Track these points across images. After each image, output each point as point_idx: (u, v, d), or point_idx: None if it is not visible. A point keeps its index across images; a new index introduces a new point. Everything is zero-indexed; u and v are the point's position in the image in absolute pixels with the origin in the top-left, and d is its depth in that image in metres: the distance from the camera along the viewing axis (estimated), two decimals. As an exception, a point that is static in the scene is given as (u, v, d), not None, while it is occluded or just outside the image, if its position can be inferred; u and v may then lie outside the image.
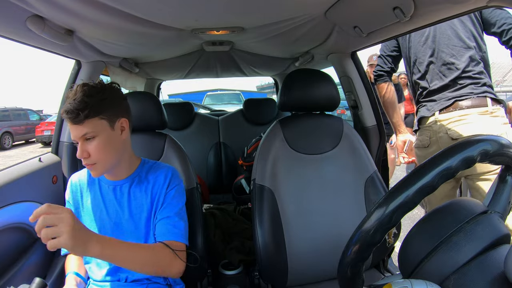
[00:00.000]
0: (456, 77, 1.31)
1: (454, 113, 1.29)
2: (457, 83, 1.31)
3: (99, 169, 0.85)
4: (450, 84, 1.32)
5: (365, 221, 0.47)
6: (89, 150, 0.82)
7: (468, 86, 1.29)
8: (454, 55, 1.33)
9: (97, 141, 0.82)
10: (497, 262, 0.44)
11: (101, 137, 0.83)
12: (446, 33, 1.34)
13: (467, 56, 1.31)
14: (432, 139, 1.37)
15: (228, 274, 1.37)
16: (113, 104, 0.86)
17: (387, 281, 0.52)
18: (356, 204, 1.16)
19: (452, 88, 1.32)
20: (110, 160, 0.86)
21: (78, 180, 0.98)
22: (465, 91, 1.29)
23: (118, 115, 0.88)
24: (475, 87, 1.28)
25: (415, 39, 1.43)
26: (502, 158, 0.49)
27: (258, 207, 1.10)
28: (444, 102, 1.32)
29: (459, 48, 1.32)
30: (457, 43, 1.32)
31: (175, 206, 0.93)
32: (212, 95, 9.98)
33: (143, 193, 0.93)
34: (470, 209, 0.51)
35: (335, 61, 1.55)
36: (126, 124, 0.91)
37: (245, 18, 1.05)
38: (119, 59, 1.51)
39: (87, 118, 0.80)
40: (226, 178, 2.35)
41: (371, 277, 1.18)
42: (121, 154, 0.90)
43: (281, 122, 1.23)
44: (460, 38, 1.32)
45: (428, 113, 1.37)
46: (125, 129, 0.90)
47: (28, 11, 0.82)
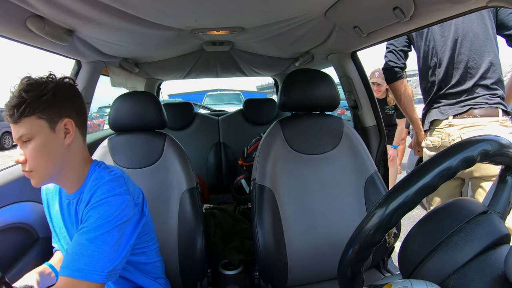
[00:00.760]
0: (474, 85, 1.32)
1: (468, 120, 1.32)
2: (474, 91, 1.33)
3: (36, 178, 0.72)
4: (468, 90, 1.33)
5: (365, 221, 0.47)
6: (26, 155, 0.71)
7: (484, 96, 1.32)
8: (475, 60, 1.33)
9: (32, 145, 0.70)
10: (497, 262, 0.44)
11: (37, 140, 0.70)
12: (468, 34, 1.33)
13: (487, 62, 1.32)
14: (444, 141, 1.38)
15: (228, 274, 1.37)
16: (55, 100, 0.72)
17: (387, 281, 0.52)
18: (356, 204, 1.16)
19: (469, 96, 1.33)
20: (49, 169, 0.72)
21: (46, 189, 0.88)
22: (480, 100, 1.31)
23: (62, 115, 0.73)
24: (490, 97, 1.31)
25: (436, 37, 1.40)
26: (502, 158, 0.49)
27: (258, 207, 1.10)
28: (459, 108, 1.34)
29: (480, 53, 1.32)
30: (479, 47, 1.32)
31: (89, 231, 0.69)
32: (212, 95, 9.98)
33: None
34: (470, 209, 0.51)
35: (335, 61, 1.55)
36: (72, 127, 0.75)
37: (245, 18, 1.04)
38: (119, 59, 1.51)
39: (22, 116, 0.68)
40: (226, 178, 2.35)
41: (371, 277, 1.18)
42: (63, 162, 0.75)
43: (281, 122, 1.23)
44: (482, 41, 1.32)
45: (441, 116, 1.38)
46: (70, 132, 0.75)
47: (28, 11, 0.82)
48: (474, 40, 1.32)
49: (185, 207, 1.11)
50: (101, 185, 0.73)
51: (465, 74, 1.34)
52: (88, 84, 1.38)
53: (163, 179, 1.15)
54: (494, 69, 1.32)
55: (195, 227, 1.09)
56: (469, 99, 1.33)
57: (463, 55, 1.34)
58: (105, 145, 1.20)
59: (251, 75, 2.46)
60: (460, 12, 0.80)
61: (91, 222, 0.70)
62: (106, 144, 1.20)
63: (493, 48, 1.32)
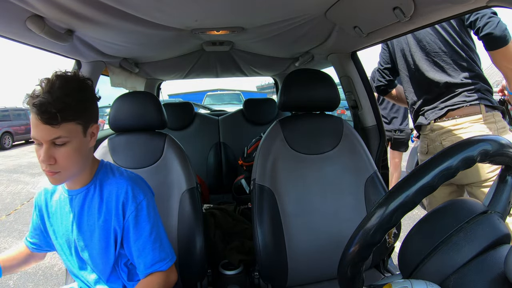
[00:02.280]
0: (448, 85, 1.27)
1: (448, 123, 1.27)
2: (450, 90, 1.27)
3: (62, 178, 0.75)
4: (444, 92, 1.28)
5: (365, 221, 0.47)
6: (55, 156, 0.72)
7: (462, 94, 1.25)
8: (444, 61, 1.28)
9: (68, 148, 0.72)
10: (497, 262, 0.44)
11: (72, 144, 0.73)
12: (428, 39, 1.30)
13: (456, 62, 1.27)
14: (429, 147, 1.36)
15: (228, 274, 1.37)
16: (92, 107, 0.77)
17: (387, 281, 0.52)
18: (356, 204, 1.16)
19: (446, 97, 1.28)
20: (76, 169, 0.77)
21: (43, 196, 0.89)
22: (458, 100, 1.26)
23: (93, 121, 0.78)
24: (469, 94, 1.24)
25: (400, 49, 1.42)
26: (502, 158, 0.49)
27: (258, 207, 1.10)
28: (438, 111, 1.29)
29: (445, 55, 1.27)
30: (443, 48, 1.27)
31: (142, 232, 0.82)
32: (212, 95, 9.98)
33: (95, 212, 0.82)
34: (470, 209, 0.51)
35: (335, 61, 1.55)
36: (97, 130, 0.81)
37: (245, 18, 1.04)
38: (119, 59, 1.51)
39: (65, 121, 0.69)
40: (226, 178, 2.35)
41: (371, 277, 1.18)
42: (86, 162, 0.80)
43: (281, 122, 1.23)
44: (444, 42, 1.27)
45: (425, 121, 1.35)
46: (95, 135, 0.81)
47: (28, 11, 0.82)
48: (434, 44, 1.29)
49: (185, 207, 1.11)
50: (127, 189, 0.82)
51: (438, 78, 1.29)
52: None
53: (163, 179, 1.15)
54: (465, 67, 1.26)
55: (195, 227, 1.09)
56: (446, 100, 1.28)
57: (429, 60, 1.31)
58: (105, 145, 1.20)
59: (251, 75, 2.45)
60: (460, 12, 0.80)
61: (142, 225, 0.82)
62: (106, 144, 1.20)
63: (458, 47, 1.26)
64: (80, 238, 0.83)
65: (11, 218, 3.65)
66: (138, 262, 0.83)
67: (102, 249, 0.83)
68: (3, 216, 3.73)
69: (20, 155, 8.72)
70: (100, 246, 0.83)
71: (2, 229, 3.31)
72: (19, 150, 9.92)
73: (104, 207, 0.82)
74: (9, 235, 3.13)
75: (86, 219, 0.83)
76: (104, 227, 0.82)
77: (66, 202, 0.84)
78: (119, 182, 0.83)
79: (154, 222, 0.84)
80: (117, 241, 0.83)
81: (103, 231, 0.82)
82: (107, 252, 0.83)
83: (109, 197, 0.82)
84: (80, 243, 0.84)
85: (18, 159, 7.96)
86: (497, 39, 1.10)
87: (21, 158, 8.12)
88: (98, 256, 0.84)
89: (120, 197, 0.81)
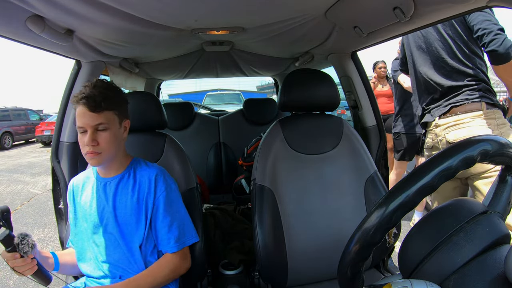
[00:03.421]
0: (452, 87, 1.37)
1: (450, 118, 1.37)
2: (454, 90, 1.37)
3: (101, 159, 0.90)
4: (448, 91, 1.39)
5: (365, 221, 0.47)
6: (98, 140, 0.88)
7: (464, 92, 1.35)
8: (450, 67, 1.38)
9: (108, 133, 0.89)
10: (497, 262, 0.44)
11: (111, 130, 0.89)
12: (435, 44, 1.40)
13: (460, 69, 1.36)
14: (434, 142, 1.46)
15: (228, 274, 1.37)
16: (125, 104, 0.97)
17: (387, 281, 0.52)
18: (356, 204, 1.16)
19: (450, 95, 1.38)
20: (112, 153, 0.92)
21: (75, 182, 1.03)
22: (461, 98, 1.35)
23: (126, 116, 0.97)
24: (471, 93, 1.34)
25: (413, 48, 1.52)
26: (502, 158, 0.49)
27: (258, 207, 1.10)
28: (442, 108, 1.40)
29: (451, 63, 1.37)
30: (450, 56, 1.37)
31: (169, 211, 0.97)
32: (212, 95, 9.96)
33: (129, 191, 0.96)
34: (470, 209, 0.51)
35: (335, 61, 1.55)
36: (128, 126, 0.99)
37: (245, 18, 1.04)
38: (119, 59, 1.51)
39: (106, 109, 0.87)
40: (226, 178, 2.35)
41: (371, 277, 1.18)
42: (118, 151, 0.95)
43: (281, 122, 1.23)
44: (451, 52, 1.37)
45: (430, 118, 1.46)
46: (126, 129, 0.98)
47: (28, 11, 0.82)
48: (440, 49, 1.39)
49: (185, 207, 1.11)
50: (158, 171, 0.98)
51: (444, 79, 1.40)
52: (88, 84, 1.38)
53: None
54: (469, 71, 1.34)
55: (195, 227, 1.09)
56: (450, 98, 1.38)
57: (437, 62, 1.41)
58: None
59: (251, 75, 2.45)
60: (460, 12, 0.80)
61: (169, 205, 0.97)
62: None
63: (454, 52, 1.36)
64: (113, 217, 0.94)
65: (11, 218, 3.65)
66: (162, 238, 0.95)
67: (133, 224, 0.94)
68: (3, 216, 3.72)
69: (20, 155, 8.72)
70: (132, 221, 0.94)
71: (2, 229, 3.31)
72: (19, 150, 9.92)
73: (137, 188, 0.96)
74: (9, 235, 3.13)
75: (119, 199, 0.96)
76: (137, 205, 0.95)
77: (100, 189, 0.97)
78: (150, 169, 0.99)
79: (180, 205, 1.00)
80: (147, 217, 0.95)
81: (135, 209, 0.95)
82: (138, 229, 0.94)
83: (141, 179, 0.97)
84: (111, 222, 0.94)
85: (18, 159, 7.97)
86: (500, 56, 1.19)
87: (21, 158, 8.13)
88: (129, 232, 0.94)
89: (152, 179, 0.96)
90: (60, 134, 1.33)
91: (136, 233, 0.95)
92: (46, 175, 5.74)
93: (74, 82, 1.34)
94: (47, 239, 2.99)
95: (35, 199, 4.37)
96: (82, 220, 0.98)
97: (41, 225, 3.35)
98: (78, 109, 0.87)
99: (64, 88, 1.35)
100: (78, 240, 0.99)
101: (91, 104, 0.85)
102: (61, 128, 1.33)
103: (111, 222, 0.95)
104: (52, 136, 1.38)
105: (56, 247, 2.79)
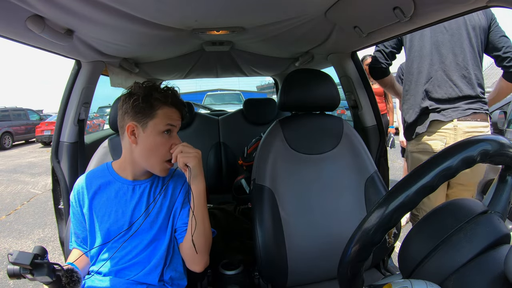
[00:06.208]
0: (469, 95, 1.42)
1: (473, 123, 1.41)
2: (471, 96, 1.42)
3: None
4: (463, 97, 1.42)
5: (365, 221, 0.47)
6: None
7: (478, 102, 1.43)
8: (468, 70, 1.42)
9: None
10: (497, 262, 0.44)
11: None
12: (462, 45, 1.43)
13: (478, 74, 1.44)
14: (447, 144, 1.43)
15: (228, 274, 1.37)
16: None
17: (387, 281, 0.52)
18: (356, 204, 1.16)
19: (468, 101, 1.42)
20: None
21: (86, 184, 0.99)
22: (478, 106, 1.43)
23: None
24: (482, 104, 1.44)
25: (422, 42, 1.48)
26: (502, 158, 0.49)
27: (258, 207, 1.10)
28: (462, 111, 1.41)
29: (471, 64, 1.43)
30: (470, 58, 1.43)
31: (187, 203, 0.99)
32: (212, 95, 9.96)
33: (162, 195, 0.96)
34: (470, 209, 0.51)
35: (335, 61, 1.55)
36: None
37: (245, 18, 1.04)
38: (119, 59, 1.51)
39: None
40: (226, 178, 2.35)
41: (371, 277, 1.18)
42: None
43: (281, 122, 1.23)
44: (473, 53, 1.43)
45: (444, 118, 1.43)
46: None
47: (28, 11, 0.82)
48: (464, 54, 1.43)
49: None
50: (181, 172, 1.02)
51: (460, 82, 1.43)
52: (88, 84, 1.38)
53: None
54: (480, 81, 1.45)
55: None
56: (469, 103, 1.42)
57: (456, 65, 1.43)
58: (106, 145, 1.19)
59: (251, 75, 2.45)
60: (460, 12, 0.80)
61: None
62: (107, 144, 1.20)
63: (477, 63, 1.45)
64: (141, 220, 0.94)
65: (11, 218, 3.65)
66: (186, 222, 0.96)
67: (163, 228, 0.95)
68: (3, 216, 3.73)
69: (20, 155, 8.72)
70: (162, 225, 0.95)
71: (2, 229, 3.31)
72: (19, 150, 9.92)
73: (170, 193, 0.98)
74: (9, 235, 3.13)
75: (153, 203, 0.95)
76: (169, 206, 0.97)
77: (129, 191, 0.95)
78: (181, 173, 1.01)
79: None
80: (175, 218, 0.97)
81: (167, 210, 0.96)
82: (166, 232, 0.95)
83: (176, 185, 0.99)
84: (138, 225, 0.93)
85: (18, 159, 7.97)
86: None
87: (21, 158, 8.13)
88: (159, 233, 0.95)
89: (183, 185, 1.00)
90: (60, 134, 1.33)
91: (163, 236, 0.96)
92: (46, 175, 5.75)
93: (74, 82, 1.34)
94: (47, 239, 2.99)
95: (35, 199, 4.37)
96: (103, 223, 0.94)
97: (41, 225, 3.35)
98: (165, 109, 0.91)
99: (65, 88, 1.35)
100: (94, 242, 0.96)
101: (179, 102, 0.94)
102: (61, 128, 1.33)
103: (140, 225, 0.94)
104: (52, 136, 1.38)
105: (56, 247, 2.79)
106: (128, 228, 0.93)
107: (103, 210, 0.94)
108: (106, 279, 0.93)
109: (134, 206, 0.94)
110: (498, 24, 1.44)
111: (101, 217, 0.94)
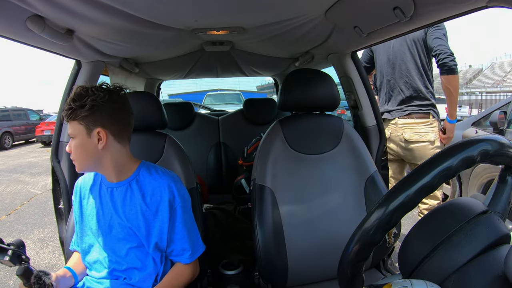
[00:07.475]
0: (411, 97, 1.82)
1: (408, 120, 1.84)
2: (411, 99, 1.83)
3: (77, 166, 0.90)
4: (406, 100, 1.84)
5: (365, 221, 0.47)
6: (70, 147, 0.89)
7: (418, 105, 1.82)
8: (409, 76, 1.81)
9: (74, 142, 0.88)
10: (497, 262, 0.44)
11: (76, 140, 0.87)
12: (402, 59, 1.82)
13: (418, 80, 1.80)
14: (392, 134, 1.90)
15: (228, 274, 1.37)
16: (93, 112, 0.85)
17: (387, 281, 0.52)
18: (356, 204, 1.16)
19: (408, 104, 1.84)
20: (85, 163, 0.90)
21: (81, 183, 1.02)
22: (417, 108, 1.82)
23: (96, 124, 0.86)
24: (422, 103, 1.81)
25: (381, 58, 1.93)
26: (502, 158, 0.49)
27: (258, 207, 1.10)
28: (402, 112, 1.86)
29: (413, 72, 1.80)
30: (411, 68, 1.80)
31: (186, 223, 0.97)
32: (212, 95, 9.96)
33: (139, 199, 0.93)
34: (470, 209, 0.51)
35: (335, 61, 1.55)
36: (104, 135, 0.87)
37: (245, 18, 1.04)
38: (119, 59, 1.51)
39: (70, 120, 0.87)
40: (226, 178, 2.35)
41: (371, 277, 1.18)
42: (98, 161, 0.90)
43: (281, 122, 1.23)
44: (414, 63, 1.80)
45: (390, 117, 1.90)
46: (102, 139, 0.87)
47: (28, 11, 0.82)
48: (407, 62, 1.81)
49: None
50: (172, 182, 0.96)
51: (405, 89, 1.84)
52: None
53: None
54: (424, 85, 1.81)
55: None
56: (410, 105, 1.84)
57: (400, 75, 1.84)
58: None
59: (251, 75, 2.45)
60: (460, 12, 0.80)
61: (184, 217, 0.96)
62: None
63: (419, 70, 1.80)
64: (121, 224, 0.94)
65: (11, 218, 3.65)
66: (177, 249, 0.96)
67: (143, 231, 0.93)
68: (3, 216, 3.73)
69: (20, 155, 8.72)
70: (141, 229, 0.93)
71: (2, 229, 3.31)
72: (19, 150, 9.92)
73: (148, 196, 0.94)
74: (9, 235, 3.13)
75: (128, 206, 0.94)
76: (147, 213, 0.93)
77: (107, 194, 0.95)
78: (162, 178, 0.95)
79: (191, 215, 1.00)
80: (162, 227, 0.94)
81: (144, 217, 0.93)
82: (149, 237, 0.94)
83: (153, 188, 0.94)
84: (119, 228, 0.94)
85: (18, 159, 7.97)
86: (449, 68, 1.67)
87: (21, 158, 8.13)
88: (138, 239, 0.94)
89: (165, 189, 0.94)
90: (60, 134, 1.33)
91: (146, 241, 0.94)
92: (46, 175, 5.75)
93: (74, 82, 1.34)
94: (47, 239, 2.99)
95: (35, 199, 4.37)
96: (89, 223, 0.97)
97: (41, 225, 3.35)
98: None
99: (64, 88, 1.35)
100: (84, 242, 0.99)
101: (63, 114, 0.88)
102: (61, 128, 1.33)
103: (119, 228, 0.94)
104: (52, 136, 1.38)
105: (56, 247, 2.79)
106: (107, 231, 0.95)
107: (89, 211, 0.97)
108: (103, 281, 0.94)
109: (112, 210, 0.94)
110: (435, 29, 1.70)
111: (87, 217, 0.98)
